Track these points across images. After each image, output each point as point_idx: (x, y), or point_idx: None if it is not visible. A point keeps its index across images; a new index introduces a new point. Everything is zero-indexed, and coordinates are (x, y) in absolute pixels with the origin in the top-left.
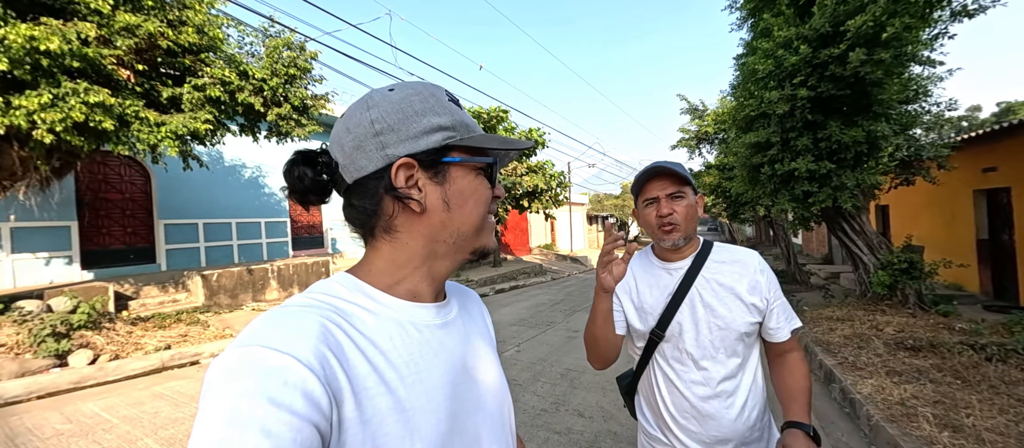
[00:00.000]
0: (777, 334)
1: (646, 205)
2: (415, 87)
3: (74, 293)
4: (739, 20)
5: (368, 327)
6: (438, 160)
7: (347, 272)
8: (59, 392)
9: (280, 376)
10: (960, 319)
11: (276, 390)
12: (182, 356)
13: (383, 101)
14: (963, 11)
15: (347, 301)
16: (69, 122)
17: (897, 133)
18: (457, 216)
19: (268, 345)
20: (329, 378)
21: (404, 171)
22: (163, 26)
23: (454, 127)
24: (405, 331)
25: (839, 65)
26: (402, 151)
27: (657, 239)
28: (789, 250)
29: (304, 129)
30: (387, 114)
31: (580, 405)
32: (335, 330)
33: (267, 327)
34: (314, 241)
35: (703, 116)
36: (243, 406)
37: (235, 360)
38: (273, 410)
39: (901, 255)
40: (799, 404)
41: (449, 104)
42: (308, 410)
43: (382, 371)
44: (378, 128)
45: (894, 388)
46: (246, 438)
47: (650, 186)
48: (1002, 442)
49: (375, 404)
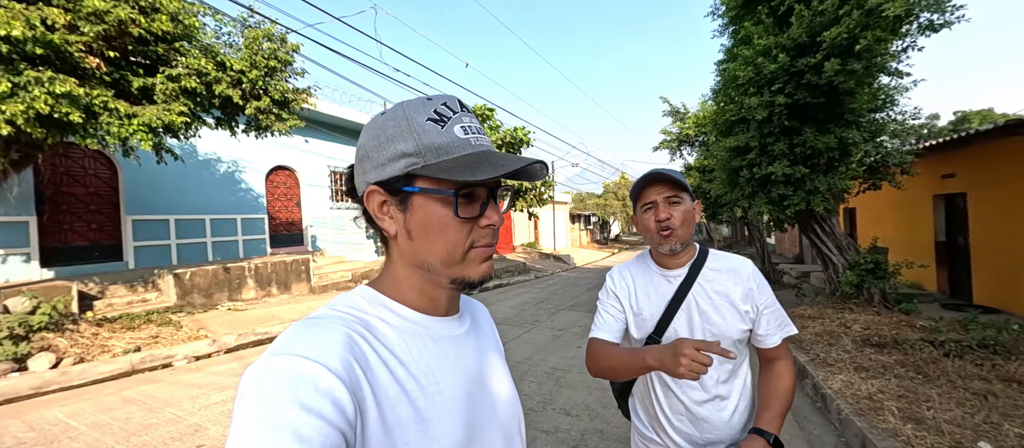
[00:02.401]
0: (766, 340)
1: (644, 210)
2: (399, 109)
3: (34, 293)
4: (721, 27)
5: (389, 339)
6: (399, 189)
7: (367, 285)
8: (19, 398)
9: (311, 383)
10: (921, 317)
11: (308, 396)
12: (154, 358)
13: (370, 126)
14: (930, 26)
15: (369, 314)
16: (32, 113)
17: (866, 140)
18: (420, 247)
19: (300, 354)
20: (354, 386)
21: (376, 197)
22: (134, 12)
23: (418, 153)
24: (423, 343)
25: (815, 74)
26: (372, 178)
27: (655, 244)
28: (763, 250)
29: (284, 124)
30: (368, 140)
31: (566, 404)
32: (360, 341)
33: (298, 337)
34: (294, 239)
35: (685, 119)
36: (276, 411)
37: (269, 368)
38: (305, 416)
39: (867, 256)
40: (771, 412)
41: (424, 126)
42: (336, 416)
43: (403, 381)
44: (360, 155)
45: (862, 383)
46: (280, 442)
47: (648, 191)
48: (959, 433)
49: (396, 413)
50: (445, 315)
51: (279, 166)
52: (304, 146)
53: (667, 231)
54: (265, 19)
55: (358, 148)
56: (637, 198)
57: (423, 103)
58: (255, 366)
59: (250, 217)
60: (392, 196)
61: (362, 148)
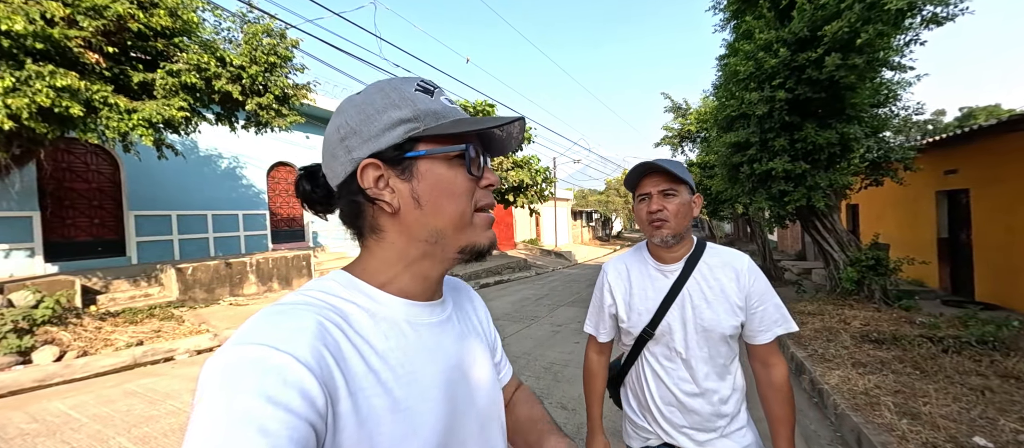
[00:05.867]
0: (757, 336)
1: (639, 200)
2: (379, 85)
3: (37, 287)
4: (722, 21)
5: (364, 326)
6: (401, 156)
7: (343, 270)
8: (22, 391)
9: (278, 374)
10: (920, 314)
11: (274, 388)
12: (155, 352)
13: (348, 105)
14: (933, 19)
15: (344, 299)
16: (33, 107)
17: (868, 135)
18: (431, 213)
19: (266, 343)
20: (325, 377)
21: (371, 171)
22: (133, 7)
23: (416, 117)
24: (400, 330)
25: (816, 69)
26: (365, 152)
27: (648, 235)
28: (765, 246)
29: (285, 120)
30: (351, 118)
31: (563, 397)
32: (333, 328)
33: (265, 325)
34: (295, 234)
35: (686, 115)
36: (240, 404)
37: (232, 358)
38: (270, 409)
39: (869, 253)
40: (782, 439)
41: (414, 94)
42: (305, 409)
43: (378, 371)
44: (343, 133)
45: (859, 379)
46: (243, 436)
47: (644, 182)
48: (955, 428)
49: (371, 403)
50: (429, 300)
51: (280, 162)
52: (305, 142)
53: (658, 223)
54: (264, 14)
55: (337, 129)
56: (633, 189)
57: (403, 78)
58: (218, 355)
59: (251, 213)
60: (393, 166)
61: (343, 127)
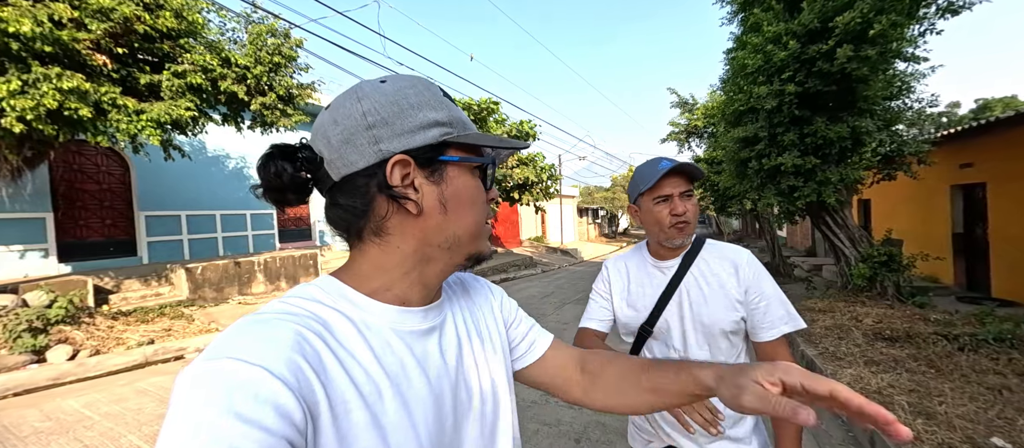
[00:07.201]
0: (761, 333)
1: (657, 202)
2: (409, 80)
3: (51, 287)
4: (730, 14)
5: (348, 336)
6: (435, 158)
7: (331, 275)
8: (37, 389)
9: (250, 390)
10: (935, 310)
11: (246, 405)
12: (166, 351)
13: (375, 93)
14: (949, 8)
15: (327, 307)
16: (41, 110)
17: (880, 129)
18: (454, 219)
19: (238, 357)
20: (304, 391)
21: (400, 168)
22: (139, 9)
23: (451, 123)
24: (387, 341)
25: (826, 61)
26: (397, 147)
27: (667, 237)
28: (774, 243)
29: (289, 119)
30: (381, 106)
31: None
32: (313, 339)
33: (238, 337)
34: (302, 234)
35: (693, 110)
36: (209, 422)
37: (203, 373)
38: (242, 427)
39: (881, 249)
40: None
41: (445, 99)
42: (280, 425)
43: (360, 384)
44: (371, 120)
45: (872, 377)
46: None
47: (664, 183)
48: (972, 428)
49: (352, 418)
50: (426, 305)
51: None
52: None
53: (682, 224)
54: (269, 15)
55: (363, 115)
56: (649, 188)
57: (418, 78)
58: (189, 370)
59: (259, 213)
60: (423, 167)
61: (372, 114)
